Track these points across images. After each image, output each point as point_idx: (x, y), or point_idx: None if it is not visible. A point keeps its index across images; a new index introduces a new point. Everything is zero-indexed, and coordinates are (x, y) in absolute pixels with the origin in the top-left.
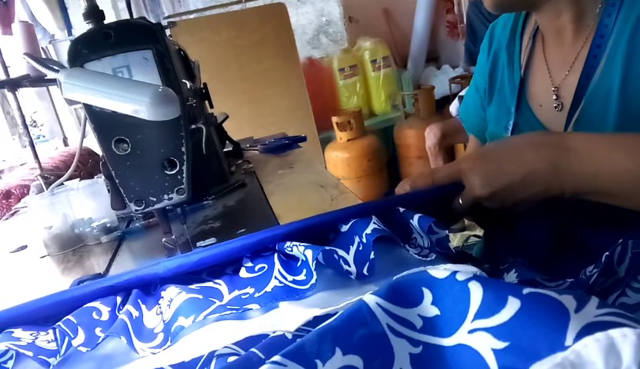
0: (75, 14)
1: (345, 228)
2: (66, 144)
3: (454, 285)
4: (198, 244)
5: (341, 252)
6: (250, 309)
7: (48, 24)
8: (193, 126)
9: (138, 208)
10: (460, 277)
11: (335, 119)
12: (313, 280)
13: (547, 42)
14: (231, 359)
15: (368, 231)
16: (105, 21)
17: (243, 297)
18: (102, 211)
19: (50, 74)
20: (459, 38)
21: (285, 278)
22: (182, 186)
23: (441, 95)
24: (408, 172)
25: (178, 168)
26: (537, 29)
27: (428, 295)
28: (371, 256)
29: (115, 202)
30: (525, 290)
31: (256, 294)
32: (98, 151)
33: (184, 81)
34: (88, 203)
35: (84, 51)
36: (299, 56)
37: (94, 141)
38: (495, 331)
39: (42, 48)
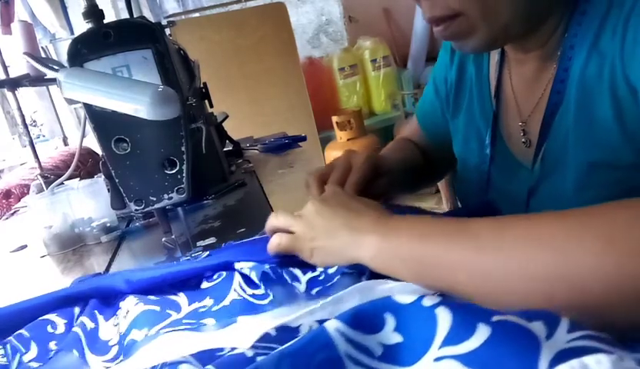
0: (75, 14)
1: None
2: (66, 144)
3: (420, 311)
4: (198, 243)
5: (296, 271)
6: (205, 324)
7: (49, 23)
8: (193, 126)
9: (138, 208)
10: (426, 302)
11: (334, 119)
12: (271, 297)
13: (513, 73)
14: (182, 367)
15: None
16: (105, 21)
17: (201, 310)
18: (102, 211)
19: (50, 74)
20: None
21: (245, 291)
22: (182, 185)
23: None
24: None
25: (177, 168)
26: (503, 54)
27: (390, 321)
28: (327, 284)
29: (114, 202)
30: (495, 318)
31: (214, 308)
32: (98, 150)
33: (183, 80)
34: (88, 202)
35: (83, 51)
36: (299, 55)
37: (94, 140)
38: (464, 359)
39: (42, 47)
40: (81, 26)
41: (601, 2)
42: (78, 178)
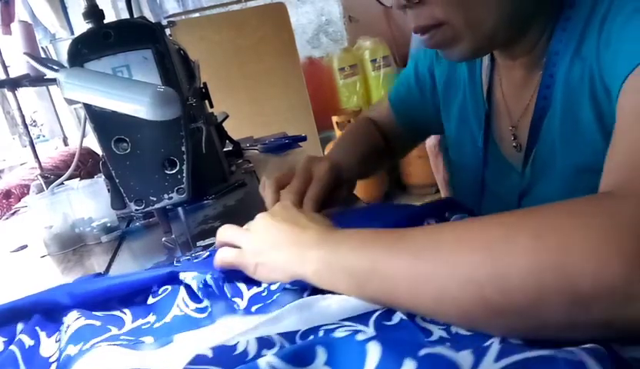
0: (75, 14)
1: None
2: (66, 144)
3: (351, 346)
4: (198, 243)
5: (240, 285)
6: (143, 342)
7: (49, 24)
8: (193, 126)
9: (138, 208)
10: (360, 337)
11: (335, 119)
12: (209, 311)
13: (503, 77)
14: None
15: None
16: (105, 21)
17: (144, 327)
18: (102, 211)
19: (50, 74)
20: None
21: (187, 305)
22: (182, 185)
23: None
24: (408, 171)
25: (178, 168)
26: (493, 63)
27: (322, 355)
28: (268, 301)
29: (114, 202)
30: (422, 352)
31: (156, 325)
32: (98, 150)
33: (183, 80)
34: (88, 202)
35: (84, 51)
36: (299, 55)
37: (94, 140)
38: None
39: (42, 47)
40: (81, 26)
41: (584, 8)
42: (78, 178)
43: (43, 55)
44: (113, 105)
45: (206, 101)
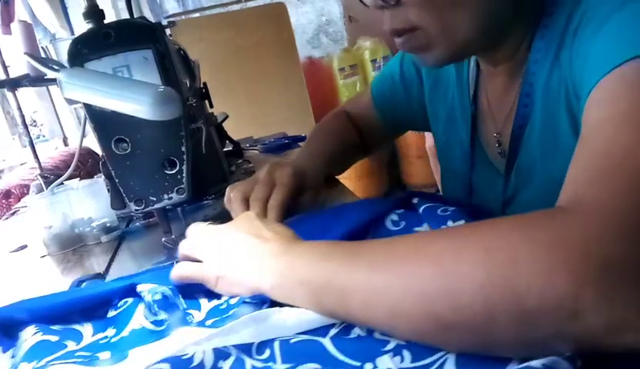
0: (75, 14)
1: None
2: (66, 144)
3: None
4: None
5: (201, 299)
6: (98, 358)
7: (50, 24)
8: (193, 126)
9: (137, 208)
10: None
11: None
12: (167, 323)
13: (487, 83)
14: None
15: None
16: (105, 21)
17: (102, 341)
18: (102, 211)
19: (50, 74)
20: None
21: (147, 318)
22: (182, 186)
23: None
24: (408, 171)
25: (177, 168)
26: (478, 67)
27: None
28: (225, 315)
29: (114, 202)
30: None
31: (114, 339)
32: (98, 150)
33: (183, 80)
34: (88, 203)
35: (84, 51)
36: (299, 56)
37: (94, 140)
38: None
39: (42, 47)
40: (82, 26)
41: (561, 16)
42: (78, 178)
43: (43, 55)
44: (113, 105)
45: (206, 101)
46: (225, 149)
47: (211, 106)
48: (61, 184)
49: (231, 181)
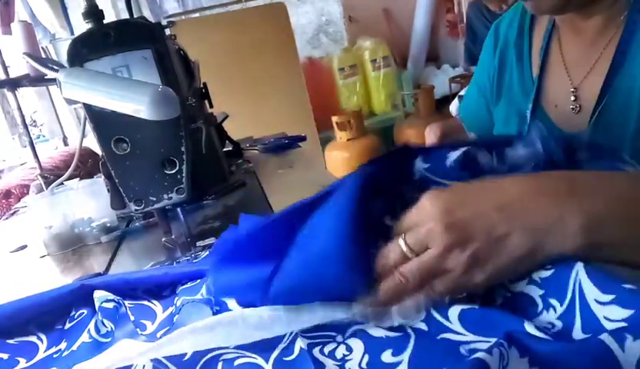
0: (75, 14)
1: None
2: (66, 144)
3: None
4: (198, 243)
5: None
6: None
7: (49, 24)
8: (193, 126)
9: (137, 208)
10: None
11: (334, 119)
12: (114, 334)
13: (565, 42)
14: None
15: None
16: (105, 21)
17: (55, 356)
18: (102, 211)
19: (50, 74)
20: (459, 37)
21: (98, 331)
22: (182, 186)
23: (441, 95)
24: None
25: (177, 168)
26: (552, 28)
27: None
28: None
29: (114, 202)
30: None
31: (65, 353)
32: (98, 150)
33: (183, 80)
34: (88, 203)
35: (83, 51)
36: (299, 56)
37: (94, 140)
38: None
39: (42, 47)
40: (81, 26)
41: None
42: (78, 178)
43: (43, 55)
44: (113, 105)
45: (206, 101)
46: (224, 149)
47: (211, 106)
48: (61, 184)
49: (231, 181)
